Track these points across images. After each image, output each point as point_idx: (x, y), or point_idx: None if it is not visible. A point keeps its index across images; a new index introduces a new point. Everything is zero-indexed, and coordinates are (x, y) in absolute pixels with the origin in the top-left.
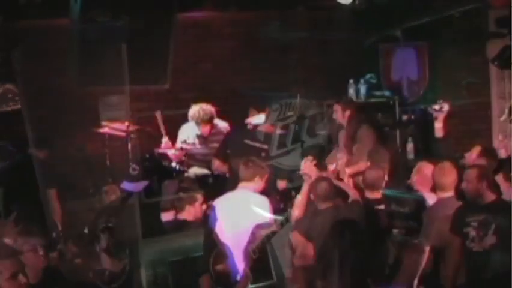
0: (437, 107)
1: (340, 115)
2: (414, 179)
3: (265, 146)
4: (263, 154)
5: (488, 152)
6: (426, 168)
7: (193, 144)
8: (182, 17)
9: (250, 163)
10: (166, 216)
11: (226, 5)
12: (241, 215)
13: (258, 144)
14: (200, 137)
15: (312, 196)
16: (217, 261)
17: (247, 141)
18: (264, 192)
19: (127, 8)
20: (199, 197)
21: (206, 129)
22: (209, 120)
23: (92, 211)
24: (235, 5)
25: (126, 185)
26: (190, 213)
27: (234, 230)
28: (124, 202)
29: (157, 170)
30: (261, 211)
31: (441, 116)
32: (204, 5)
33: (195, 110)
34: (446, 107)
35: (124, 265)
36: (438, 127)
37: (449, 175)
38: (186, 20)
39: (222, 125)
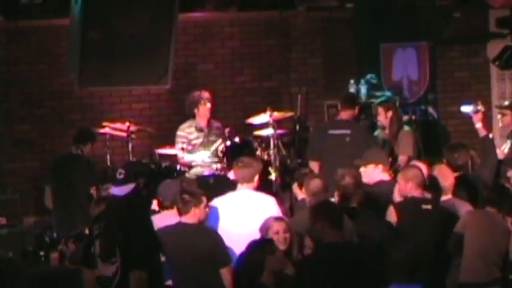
0: (472, 108)
1: (383, 117)
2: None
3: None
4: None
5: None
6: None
7: (197, 138)
8: (183, 17)
9: (240, 163)
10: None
11: (227, 5)
12: (248, 216)
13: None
14: (200, 130)
15: (303, 191)
16: None
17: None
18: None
19: (128, 9)
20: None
21: (204, 121)
22: (211, 101)
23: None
24: (236, 6)
25: (113, 190)
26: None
27: (243, 231)
28: (111, 206)
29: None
30: (270, 212)
31: (478, 116)
32: (205, 5)
33: (197, 92)
34: (482, 108)
35: (115, 268)
36: (479, 127)
37: (449, 177)
38: (187, 20)
39: (216, 124)
